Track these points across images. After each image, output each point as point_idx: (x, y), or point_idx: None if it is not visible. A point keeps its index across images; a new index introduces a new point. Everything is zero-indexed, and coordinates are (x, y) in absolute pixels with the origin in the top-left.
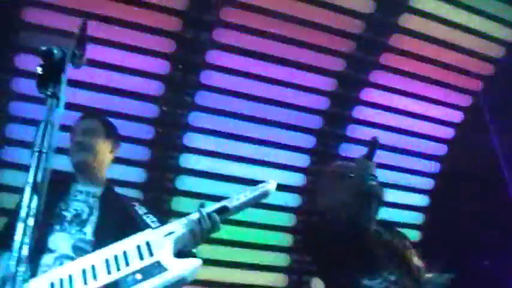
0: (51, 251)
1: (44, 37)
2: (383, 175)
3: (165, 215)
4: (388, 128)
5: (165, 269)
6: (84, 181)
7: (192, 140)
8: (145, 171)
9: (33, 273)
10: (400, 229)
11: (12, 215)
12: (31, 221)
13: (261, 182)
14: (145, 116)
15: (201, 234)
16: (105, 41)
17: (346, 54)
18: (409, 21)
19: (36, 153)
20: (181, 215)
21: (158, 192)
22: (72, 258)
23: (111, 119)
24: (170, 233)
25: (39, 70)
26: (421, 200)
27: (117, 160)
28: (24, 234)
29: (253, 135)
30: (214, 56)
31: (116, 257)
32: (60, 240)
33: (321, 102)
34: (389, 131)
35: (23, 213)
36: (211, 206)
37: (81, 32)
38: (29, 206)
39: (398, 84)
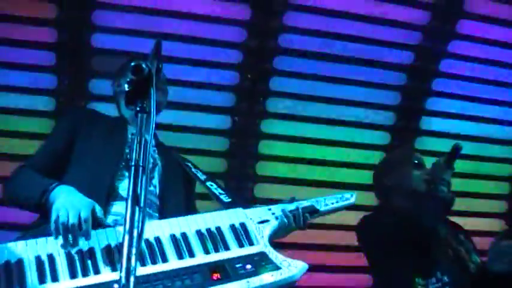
0: (122, 199)
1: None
2: None
3: None
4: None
5: (277, 267)
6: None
7: (267, 147)
8: (223, 182)
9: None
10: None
11: (50, 140)
12: (135, 233)
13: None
14: (219, 128)
15: (289, 229)
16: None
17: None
18: None
19: (133, 167)
20: None
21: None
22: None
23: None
24: (264, 222)
25: (126, 86)
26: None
27: None
28: (130, 246)
29: (327, 137)
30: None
31: (209, 231)
32: None
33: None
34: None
35: (127, 226)
36: (302, 203)
37: (155, 51)
38: (131, 219)
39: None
